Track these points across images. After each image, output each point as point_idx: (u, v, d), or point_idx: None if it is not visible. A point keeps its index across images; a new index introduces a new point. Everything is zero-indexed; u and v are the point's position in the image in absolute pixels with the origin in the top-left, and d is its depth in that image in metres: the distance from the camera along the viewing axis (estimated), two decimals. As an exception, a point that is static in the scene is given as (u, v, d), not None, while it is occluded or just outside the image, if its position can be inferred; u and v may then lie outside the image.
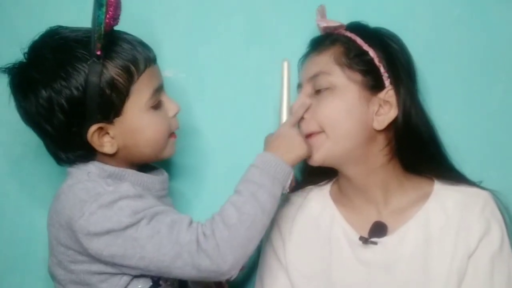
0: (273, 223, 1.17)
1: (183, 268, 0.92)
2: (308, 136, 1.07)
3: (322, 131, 1.05)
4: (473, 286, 1.01)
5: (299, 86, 1.12)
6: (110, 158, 1.02)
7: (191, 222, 0.95)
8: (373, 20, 1.14)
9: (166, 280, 1.01)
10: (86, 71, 0.94)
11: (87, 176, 0.98)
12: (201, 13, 1.30)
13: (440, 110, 1.17)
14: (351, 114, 1.04)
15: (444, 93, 1.23)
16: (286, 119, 1.08)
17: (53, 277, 1.02)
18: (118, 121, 0.98)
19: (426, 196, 1.08)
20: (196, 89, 1.31)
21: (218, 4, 1.29)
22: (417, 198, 1.08)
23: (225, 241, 0.92)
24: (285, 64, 1.10)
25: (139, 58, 0.99)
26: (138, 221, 0.92)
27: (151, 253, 0.92)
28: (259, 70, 1.29)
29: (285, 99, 1.10)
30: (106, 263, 0.94)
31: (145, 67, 0.99)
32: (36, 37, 1.01)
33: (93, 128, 0.96)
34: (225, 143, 1.30)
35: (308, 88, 1.08)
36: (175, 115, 1.06)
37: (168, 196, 1.13)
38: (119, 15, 0.99)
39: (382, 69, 1.05)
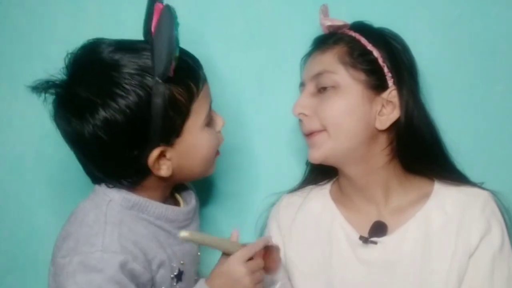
0: (274, 222, 1.17)
1: None
2: (309, 134, 1.07)
3: (323, 129, 1.05)
4: (473, 285, 1.01)
5: (302, 84, 1.12)
6: (155, 182, 0.96)
7: None
8: (373, 20, 1.14)
9: None
10: (148, 90, 0.88)
11: (105, 207, 0.93)
12: (201, 13, 1.30)
13: (440, 110, 1.17)
14: (354, 114, 1.04)
15: (444, 93, 1.23)
16: (238, 250, 0.95)
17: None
18: (177, 142, 0.93)
19: (426, 196, 1.08)
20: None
21: (218, 4, 1.29)
22: (417, 198, 1.08)
23: None
24: (183, 234, 0.91)
25: (198, 76, 0.95)
26: None
27: None
28: (259, 70, 1.29)
29: (214, 242, 0.96)
30: None
31: (203, 84, 0.96)
32: (77, 52, 0.95)
33: (156, 152, 0.91)
34: (224, 143, 1.30)
35: (311, 87, 1.08)
36: (221, 129, 1.02)
37: (195, 220, 1.07)
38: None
39: (385, 69, 1.06)
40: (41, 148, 1.29)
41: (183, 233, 0.88)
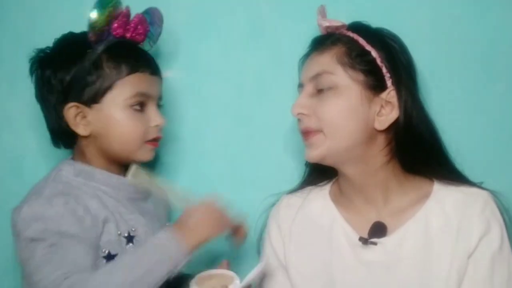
0: (273, 223, 1.17)
1: None
2: (305, 133, 1.07)
3: (319, 130, 1.05)
4: (473, 285, 1.01)
5: (300, 85, 1.12)
6: (85, 151, 1.09)
7: (68, 274, 0.95)
8: (373, 20, 1.14)
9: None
10: (84, 55, 1.06)
11: (52, 178, 1.06)
12: (201, 13, 1.30)
13: (440, 110, 1.16)
14: (353, 114, 1.04)
15: (444, 93, 1.23)
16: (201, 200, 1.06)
17: None
18: (95, 108, 1.07)
19: (425, 196, 1.07)
20: (195, 89, 1.31)
21: (218, 4, 1.29)
22: (417, 198, 1.08)
23: None
24: (132, 172, 1.09)
25: (134, 61, 1.08)
26: (41, 240, 0.98)
27: (30, 271, 0.98)
28: (259, 70, 1.29)
29: (174, 193, 1.09)
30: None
31: (137, 70, 1.08)
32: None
33: (71, 104, 1.06)
34: (224, 143, 1.30)
35: (309, 87, 1.08)
36: (156, 126, 1.12)
37: (153, 199, 1.15)
38: (142, 31, 1.12)
39: (384, 70, 1.05)
40: (41, 148, 1.29)
41: (130, 173, 1.06)
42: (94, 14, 1.05)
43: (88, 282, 0.94)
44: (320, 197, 1.16)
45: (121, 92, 1.07)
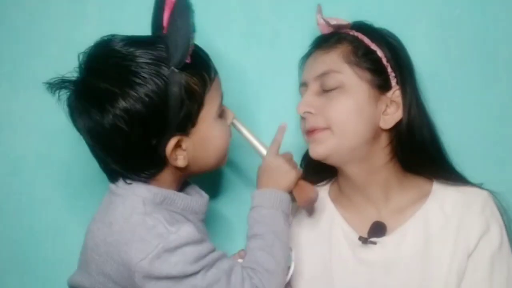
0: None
1: None
2: (311, 131, 1.07)
3: (327, 128, 1.05)
4: (472, 285, 1.01)
5: (303, 85, 1.11)
6: (170, 174, 0.97)
7: (242, 268, 0.95)
8: (373, 20, 1.14)
9: None
10: (165, 79, 0.90)
11: (142, 206, 0.92)
12: (201, 13, 1.30)
13: (440, 110, 1.16)
14: (361, 113, 1.04)
15: (444, 93, 1.23)
16: (268, 149, 1.08)
17: None
18: (192, 131, 0.95)
19: (425, 196, 1.08)
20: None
21: (218, 4, 1.29)
22: (417, 198, 1.08)
23: (267, 282, 0.95)
24: (235, 121, 1.08)
25: (210, 66, 0.98)
26: (200, 270, 0.90)
27: None
28: (259, 70, 1.29)
29: (252, 139, 1.10)
30: None
31: (215, 74, 0.98)
32: (90, 49, 0.96)
33: (173, 141, 0.92)
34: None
35: (314, 86, 1.08)
36: (231, 123, 1.06)
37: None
38: None
39: (389, 69, 1.06)
40: (41, 148, 1.29)
41: (234, 119, 1.03)
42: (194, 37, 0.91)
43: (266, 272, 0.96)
44: (320, 197, 1.15)
45: (212, 105, 0.96)
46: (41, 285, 1.28)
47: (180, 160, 0.95)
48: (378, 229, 1.07)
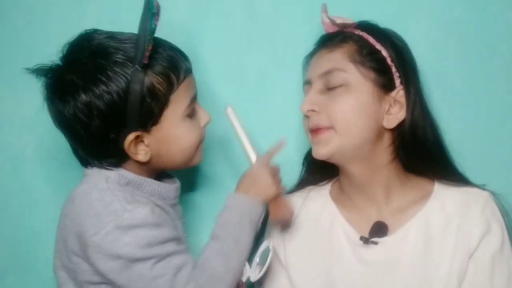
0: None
1: None
2: (315, 130, 1.07)
3: (330, 127, 1.05)
4: (473, 285, 1.01)
5: (307, 83, 1.11)
6: (137, 166, 1.01)
7: (194, 266, 0.96)
8: (373, 20, 1.14)
9: None
10: (128, 77, 0.93)
11: (105, 183, 0.96)
12: (201, 13, 1.30)
13: (440, 110, 1.17)
14: (365, 112, 1.04)
15: (444, 93, 1.23)
16: (258, 158, 1.07)
17: (55, 274, 1.03)
18: (154, 129, 0.98)
19: (426, 196, 1.08)
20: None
21: (218, 4, 1.29)
22: (418, 198, 1.08)
23: (206, 280, 0.95)
24: (230, 110, 1.08)
25: (179, 67, 0.99)
26: (150, 258, 0.92)
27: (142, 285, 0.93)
28: (259, 70, 1.29)
29: (244, 140, 1.08)
30: (107, 282, 0.95)
31: (185, 76, 0.99)
32: (72, 40, 1.00)
33: (131, 136, 0.96)
34: (224, 143, 1.30)
35: (318, 85, 1.08)
36: (205, 125, 1.06)
37: (179, 203, 1.12)
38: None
39: (393, 69, 1.06)
40: (41, 148, 1.29)
41: (230, 109, 1.03)
42: (153, 27, 0.94)
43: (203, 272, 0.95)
44: (320, 196, 1.16)
45: (177, 106, 0.98)
46: (41, 285, 1.28)
47: (141, 155, 0.98)
48: (379, 229, 1.07)
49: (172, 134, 0.99)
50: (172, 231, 0.98)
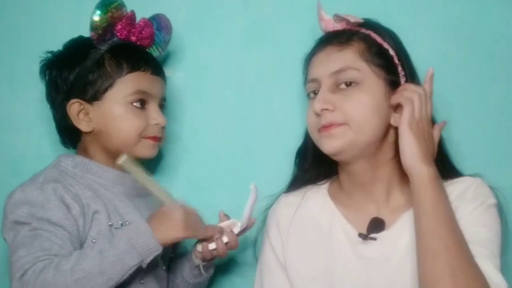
0: (272, 222, 1.17)
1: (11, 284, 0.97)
2: (327, 126, 1.06)
3: (344, 123, 1.05)
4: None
5: (314, 81, 1.10)
6: (88, 147, 1.13)
7: (42, 258, 0.96)
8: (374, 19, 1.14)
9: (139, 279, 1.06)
10: (87, 55, 1.10)
11: (54, 165, 1.11)
12: (201, 13, 1.30)
13: (440, 110, 1.17)
14: (378, 110, 1.05)
15: (444, 92, 1.23)
16: (172, 200, 1.06)
17: None
18: (97, 104, 1.10)
19: None
20: (195, 89, 1.31)
21: (218, 4, 1.29)
22: None
23: (44, 283, 0.93)
24: (124, 160, 1.05)
25: (136, 60, 1.12)
26: (25, 224, 1.01)
27: (10, 253, 1.00)
28: (259, 70, 1.29)
29: (152, 185, 1.07)
30: None
31: (138, 69, 1.11)
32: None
33: (73, 100, 1.10)
34: (224, 143, 1.30)
35: (329, 83, 1.07)
36: (156, 125, 1.14)
37: (147, 199, 1.13)
38: (147, 36, 1.15)
39: (399, 68, 1.07)
40: (41, 148, 1.29)
41: (121, 159, 1.05)
42: (95, 15, 1.09)
43: (58, 266, 0.94)
44: (319, 195, 1.15)
45: (121, 89, 1.10)
46: (41, 285, 1.27)
47: (83, 124, 1.11)
48: (376, 225, 1.07)
49: (112, 113, 1.10)
50: (63, 215, 1.02)
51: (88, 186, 1.08)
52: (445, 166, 1.10)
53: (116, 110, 1.10)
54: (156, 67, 1.15)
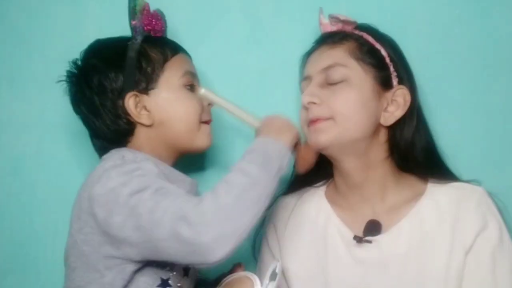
0: (270, 223, 1.17)
1: (167, 242, 0.89)
2: (314, 121, 1.07)
3: (330, 118, 1.06)
4: (475, 281, 1.01)
5: (306, 79, 1.12)
6: (144, 144, 1.07)
7: (188, 200, 0.92)
8: (372, 20, 1.14)
9: (177, 281, 1.01)
10: (126, 48, 1.07)
11: (121, 160, 1.02)
12: (201, 13, 1.30)
13: (440, 110, 1.17)
14: (365, 107, 1.06)
15: (444, 93, 1.23)
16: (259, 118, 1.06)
17: (66, 262, 1.03)
18: (153, 93, 1.06)
19: (420, 195, 1.08)
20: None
21: (218, 4, 1.29)
22: (412, 196, 1.08)
23: (210, 210, 0.88)
24: (204, 91, 1.10)
25: (173, 45, 1.11)
26: (143, 189, 0.92)
27: (144, 223, 0.91)
28: (259, 70, 1.29)
29: (236, 110, 1.09)
30: (109, 237, 0.95)
31: (178, 52, 1.10)
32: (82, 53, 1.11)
33: (129, 94, 1.05)
34: (224, 143, 1.30)
35: (319, 79, 1.09)
36: (209, 105, 1.12)
37: None
38: (159, 28, 1.12)
39: (391, 68, 1.08)
40: (41, 148, 1.29)
41: (202, 89, 1.07)
42: (135, 2, 1.08)
43: (214, 197, 0.89)
44: (315, 197, 1.16)
45: (172, 73, 1.08)
46: (41, 285, 1.28)
47: (144, 117, 1.06)
48: (373, 228, 1.07)
49: (170, 99, 1.07)
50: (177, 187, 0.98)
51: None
52: (439, 167, 1.10)
53: (173, 95, 1.07)
54: (184, 50, 1.14)
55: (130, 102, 1.05)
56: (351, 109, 1.05)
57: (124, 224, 0.92)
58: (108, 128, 1.07)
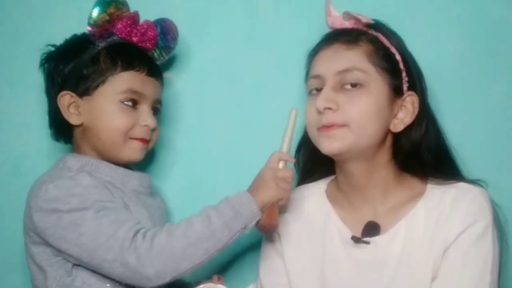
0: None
1: (112, 264, 0.97)
2: (328, 126, 1.05)
3: (345, 125, 1.04)
4: (444, 277, 1.01)
5: (317, 77, 1.08)
6: (80, 145, 1.13)
7: (137, 227, 0.99)
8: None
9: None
10: (84, 50, 1.11)
11: (59, 170, 1.08)
12: (201, 13, 1.30)
13: (440, 110, 1.16)
14: (380, 115, 1.04)
15: (444, 93, 1.23)
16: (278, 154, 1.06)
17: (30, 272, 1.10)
18: (87, 99, 1.10)
19: (419, 195, 1.07)
20: (195, 89, 1.31)
21: (218, 4, 1.29)
22: (411, 197, 1.08)
23: (160, 247, 0.96)
24: (294, 112, 1.06)
25: (131, 60, 1.11)
26: (85, 208, 0.99)
27: (87, 242, 0.98)
28: (259, 70, 1.29)
29: (286, 141, 1.07)
30: (48, 244, 1.02)
31: (132, 68, 1.11)
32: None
33: (64, 92, 1.11)
34: (225, 143, 1.30)
35: (333, 81, 1.05)
36: (145, 126, 1.13)
37: (155, 196, 1.19)
38: (150, 38, 1.15)
39: (404, 74, 1.06)
40: (41, 148, 1.29)
41: (294, 110, 1.06)
42: (94, 11, 1.10)
43: (169, 231, 0.97)
44: (316, 195, 1.15)
45: (113, 87, 1.10)
46: (41, 285, 1.28)
47: (73, 117, 1.11)
48: (371, 229, 1.07)
49: (101, 109, 1.10)
50: (112, 197, 1.04)
51: (103, 185, 1.07)
52: (446, 170, 1.10)
53: (105, 106, 1.10)
54: (152, 69, 1.14)
55: (63, 99, 1.10)
56: (367, 118, 1.03)
57: (65, 239, 1.00)
58: (52, 116, 1.15)
